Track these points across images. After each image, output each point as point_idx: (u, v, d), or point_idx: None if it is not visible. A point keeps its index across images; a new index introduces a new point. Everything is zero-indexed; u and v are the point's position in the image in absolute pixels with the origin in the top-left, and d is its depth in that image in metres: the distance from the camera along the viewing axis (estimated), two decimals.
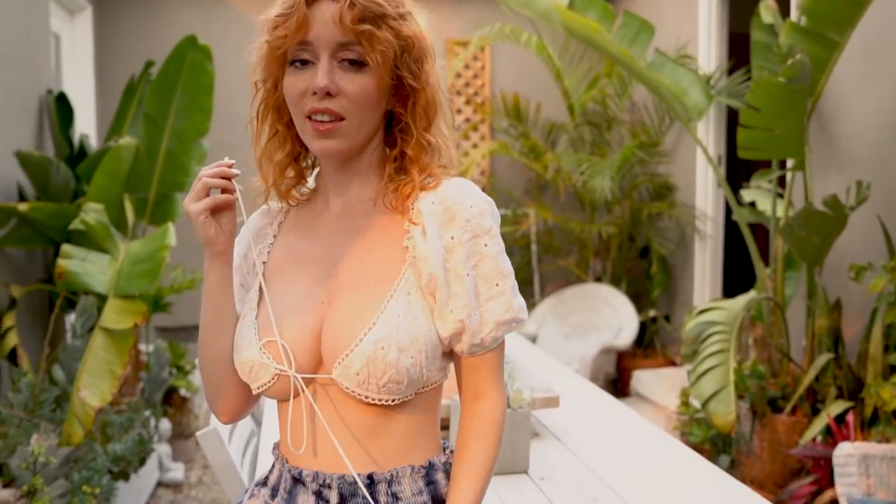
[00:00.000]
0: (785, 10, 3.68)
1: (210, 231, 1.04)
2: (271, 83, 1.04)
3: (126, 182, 3.35)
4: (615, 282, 5.20)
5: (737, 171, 5.43)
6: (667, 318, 5.08)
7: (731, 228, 4.72)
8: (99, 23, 4.94)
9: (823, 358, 3.01)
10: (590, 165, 4.73)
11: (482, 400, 1.07)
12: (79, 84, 4.62)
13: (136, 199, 3.45)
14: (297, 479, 1.06)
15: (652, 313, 5.04)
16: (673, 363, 4.94)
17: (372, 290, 1.01)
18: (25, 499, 2.22)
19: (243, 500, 1.14)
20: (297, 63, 0.99)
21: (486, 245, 1.02)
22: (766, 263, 3.57)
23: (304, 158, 1.12)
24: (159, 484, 3.52)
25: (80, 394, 2.46)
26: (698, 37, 4.62)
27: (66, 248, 2.81)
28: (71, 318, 3.44)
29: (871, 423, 2.82)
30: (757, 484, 3.11)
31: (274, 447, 1.12)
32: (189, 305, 1.05)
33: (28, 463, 2.26)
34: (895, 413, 2.75)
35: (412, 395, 1.02)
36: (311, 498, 1.04)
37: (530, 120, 5.40)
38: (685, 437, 3.42)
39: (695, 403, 3.47)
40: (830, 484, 2.74)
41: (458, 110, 5.62)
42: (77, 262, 2.77)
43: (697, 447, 3.28)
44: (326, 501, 1.03)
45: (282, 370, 1.00)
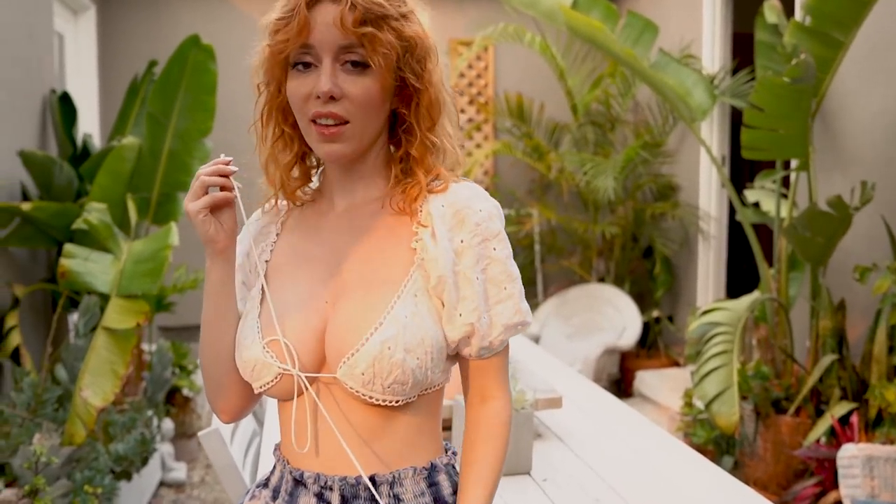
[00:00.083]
0: (789, 10, 3.67)
1: (210, 229, 1.03)
2: (274, 86, 1.03)
3: (129, 182, 3.35)
4: (618, 282, 5.20)
5: (741, 172, 5.43)
6: (670, 319, 5.08)
7: (734, 229, 4.71)
8: (102, 22, 4.94)
9: (827, 359, 3.00)
10: (593, 165, 4.73)
11: (489, 402, 1.07)
12: (82, 84, 4.62)
13: (138, 199, 3.45)
14: (299, 481, 1.05)
15: (655, 314, 5.03)
16: (676, 364, 4.93)
17: (378, 290, 1.00)
18: (27, 498, 2.22)
19: (244, 502, 1.13)
20: (300, 66, 0.98)
21: (494, 249, 1.03)
22: (770, 264, 3.56)
23: (310, 158, 1.11)
24: (162, 484, 3.52)
25: (82, 393, 2.46)
26: (702, 37, 4.61)
27: (68, 247, 2.81)
28: (74, 318, 3.44)
29: (876, 424, 2.81)
30: (760, 485, 3.11)
31: (275, 448, 1.12)
32: (192, 305, 1.05)
33: (30, 463, 2.26)
34: None
35: (415, 396, 1.01)
36: (313, 500, 1.03)
37: (534, 120, 5.39)
38: (688, 438, 3.41)
39: (698, 404, 3.46)
40: (834, 485, 2.73)
41: (462, 110, 5.62)
42: (80, 262, 2.77)
43: (701, 448, 3.27)
44: (328, 503, 1.03)
45: (285, 369, 1.00)
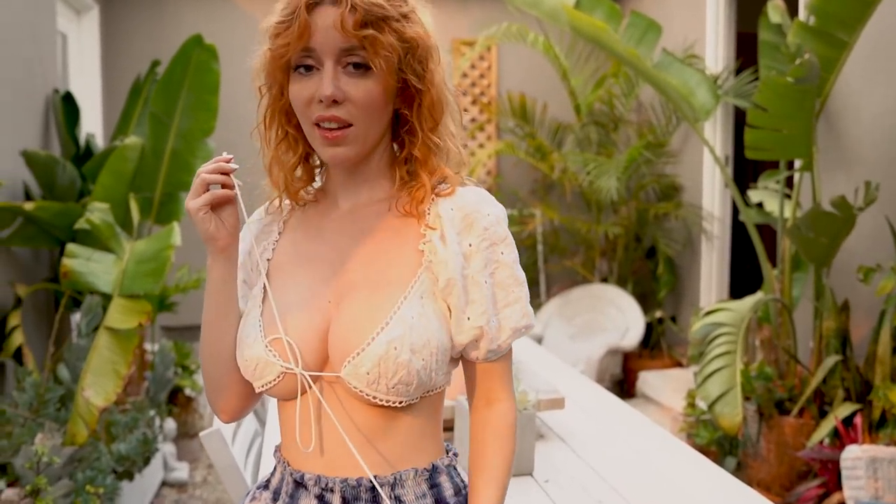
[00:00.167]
0: (793, 10, 3.67)
1: (210, 227, 1.03)
2: (277, 89, 1.03)
3: (131, 181, 3.35)
4: (621, 282, 5.19)
5: (744, 172, 5.42)
6: (673, 319, 5.07)
7: (738, 229, 4.70)
8: (105, 22, 4.95)
9: (831, 360, 2.99)
10: (596, 166, 4.72)
11: (495, 405, 1.07)
12: (85, 83, 4.63)
13: (141, 199, 3.45)
14: (299, 483, 1.05)
15: (658, 314, 5.02)
16: (679, 364, 4.92)
17: (384, 290, 1.00)
18: (29, 498, 2.22)
19: (244, 503, 1.13)
20: (302, 69, 0.98)
21: (502, 253, 1.03)
22: (774, 264, 3.55)
23: (313, 158, 1.11)
24: (164, 483, 3.52)
25: (84, 393, 2.46)
26: (706, 37, 4.60)
27: (71, 247, 2.81)
28: (76, 318, 3.45)
29: (880, 425, 2.80)
30: (763, 486, 3.10)
31: (275, 450, 1.11)
32: (194, 305, 1.05)
33: (32, 462, 2.26)
34: None
35: (418, 398, 1.01)
36: (314, 502, 1.03)
37: (537, 120, 5.39)
38: (691, 439, 3.40)
39: (701, 405, 3.46)
40: (838, 487, 2.72)
41: (465, 110, 5.56)
42: (82, 262, 2.77)
43: (704, 449, 3.27)
44: None
45: (288, 368, 0.99)
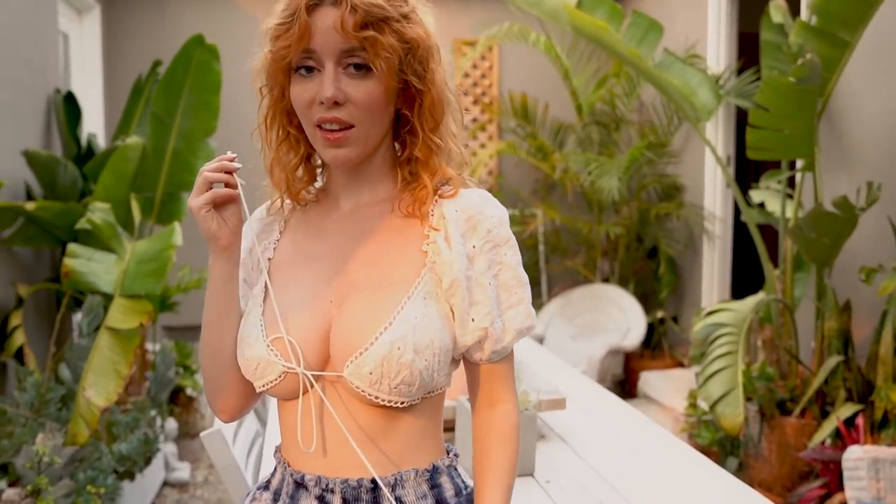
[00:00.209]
0: (795, 10, 3.66)
1: (212, 225, 1.03)
2: (278, 91, 1.03)
3: (133, 181, 3.35)
4: (623, 282, 5.19)
5: (746, 172, 5.42)
6: (675, 320, 5.06)
7: (739, 229, 4.69)
8: (107, 22, 4.95)
9: (833, 360, 2.99)
10: (598, 165, 4.72)
11: (498, 406, 1.08)
12: (87, 83, 4.63)
13: (142, 199, 3.45)
14: (300, 484, 1.04)
15: (660, 314, 5.02)
16: (681, 364, 4.91)
17: (387, 290, 1.00)
18: (30, 498, 2.22)
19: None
20: (303, 70, 0.98)
21: (505, 255, 1.04)
22: (775, 265, 3.54)
23: (315, 158, 1.11)
24: (165, 483, 3.52)
25: (85, 393, 2.46)
26: (707, 36, 4.59)
27: (72, 247, 2.81)
28: (78, 318, 3.45)
29: (881, 426, 2.80)
30: (765, 487, 3.10)
31: (275, 450, 1.11)
32: (196, 305, 1.05)
33: (32, 462, 2.25)
34: None
35: (420, 398, 1.01)
36: (314, 502, 1.03)
37: (538, 120, 5.38)
38: (693, 440, 3.40)
39: (703, 405, 3.45)
40: (839, 487, 2.72)
41: (466, 109, 5.58)
42: (83, 262, 2.77)
43: (705, 449, 3.26)
44: None
45: (290, 368, 0.99)
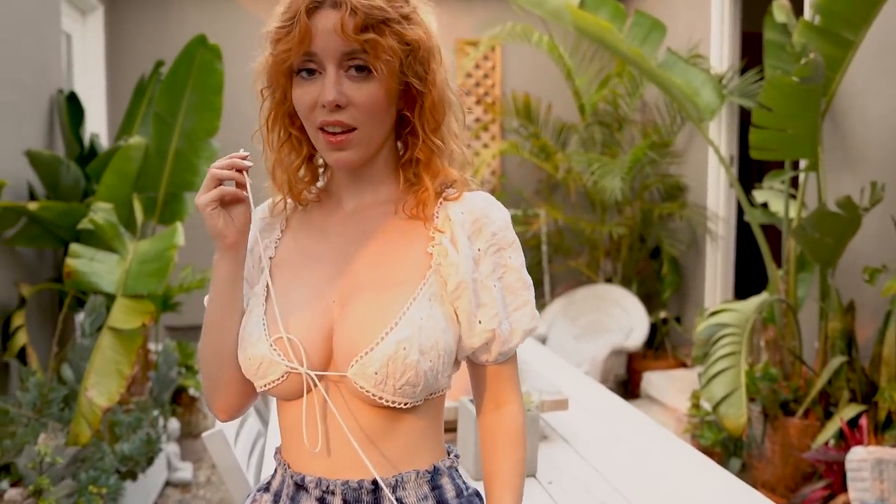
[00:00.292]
0: (798, 10, 3.65)
1: (219, 223, 1.02)
2: (280, 93, 1.02)
3: (135, 181, 3.35)
4: (626, 283, 5.18)
5: (749, 172, 5.40)
6: (678, 320, 5.05)
7: (743, 229, 4.68)
8: (110, 22, 4.95)
9: (836, 361, 2.98)
10: (600, 166, 4.71)
11: (504, 407, 1.09)
12: (89, 83, 4.64)
13: (145, 199, 3.45)
14: (300, 486, 1.04)
15: (663, 315, 5.01)
16: (684, 365, 4.91)
17: (392, 291, 1.00)
18: (32, 498, 2.22)
19: None
20: (304, 73, 0.98)
21: (510, 257, 1.05)
22: (779, 265, 3.53)
23: (317, 158, 1.10)
24: (167, 483, 3.52)
25: (87, 393, 2.46)
26: (710, 36, 4.58)
27: (74, 247, 2.81)
28: (80, 318, 3.45)
29: (885, 427, 2.79)
30: (768, 488, 3.09)
31: (276, 452, 1.10)
32: (198, 305, 1.04)
33: (35, 462, 2.25)
34: None
35: (422, 400, 1.01)
36: None
37: (541, 120, 5.38)
38: (696, 440, 3.39)
39: (706, 406, 3.45)
40: (843, 488, 2.71)
41: (469, 110, 5.53)
42: (85, 262, 2.77)
43: (708, 450, 3.26)
44: None
45: (293, 367, 0.99)
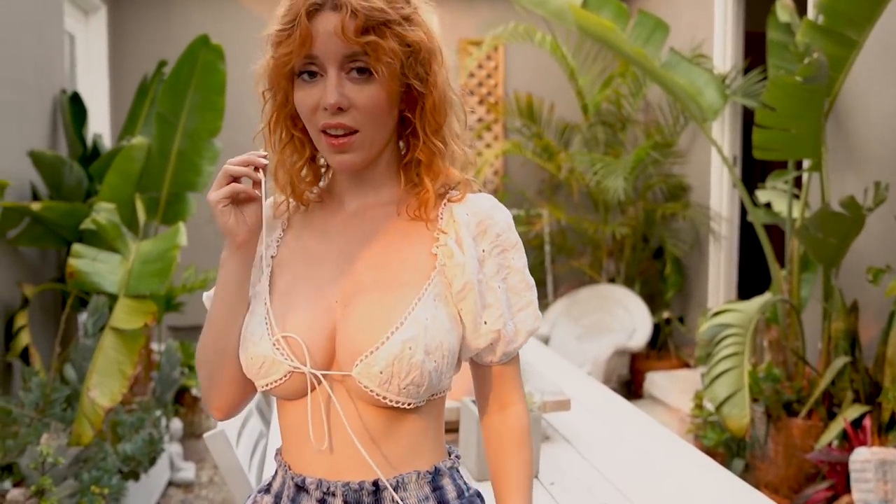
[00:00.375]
0: (802, 9, 3.64)
1: (229, 220, 1.01)
2: (281, 96, 1.02)
3: (138, 181, 3.35)
4: (629, 283, 5.17)
5: (752, 172, 5.39)
6: (681, 320, 5.05)
7: (746, 229, 4.67)
8: (113, 23, 4.96)
9: (840, 361, 2.97)
10: (603, 166, 4.70)
11: (510, 409, 1.09)
12: (92, 84, 4.64)
13: (147, 199, 3.45)
14: (301, 487, 1.04)
15: (666, 315, 5.00)
16: (687, 365, 4.90)
17: (396, 291, 1.00)
18: (34, 498, 2.22)
19: None
20: (305, 75, 0.97)
21: (514, 259, 1.06)
22: (782, 265, 3.53)
23: (319, 158, 1.10)
24: (170, 484, 3.53)
25: (89, 394, 2.46)
26: (713, 36, 4.57)
27: (76, 247, 2.82)
28: (83, 318, 3.45)
29: (889, 427, 2.78)
30: (771, 489, 3.08)
31: (276, 453, 1.10)
32: (201, 305, 1.04)
33: (37, 463, 2.25)
34: None
35: (425, 400, 1.01)
36: None
37: (544, 120, 5.37)
38: (699, 441, 3.38)
39: (709, 406, 3.44)
40: (847, 490, 2.70)
41: (472, 110, 5.52)
42: (88, 262, 2.77)
43: (711, 451, 3.25)
44: None
45: (296, 367, 0.98)
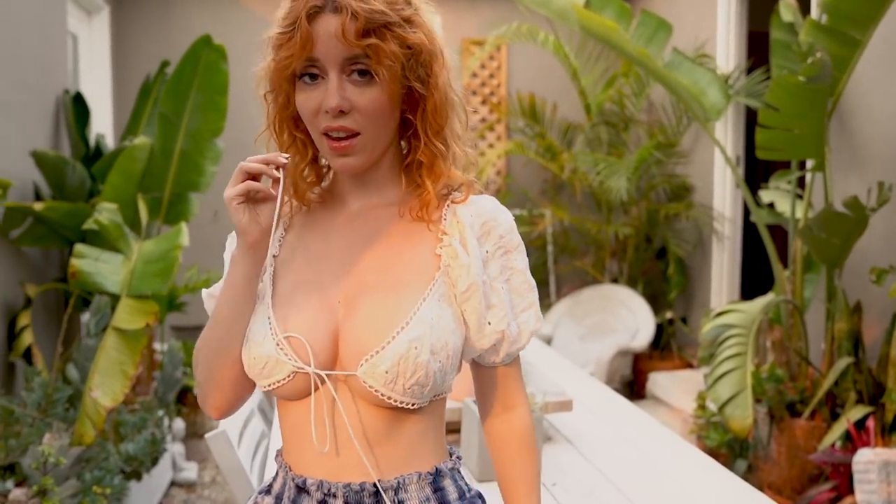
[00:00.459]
0: (805, 9, 3.64)
1: (243, 219, 1.00)
2: (283, 98, 1.02)
3: (140, 182, 3.36)
4: (632, 283, 5.17)
5: (755, 172, 5.38)
6: (684, 320, 5.04)
7: (749, 230, 4.66)
8: (116, 23, 4.96)
9: (843, 362, 2.96)
10: (606, 166, 4.70)
11: (514, 410, 1.10)
12: (95, 84, 4.64)
13: (150, 199, 3.46)
14: (301, 488, 1.03)
15: (669, 315, 4.99)
16: (690, 366, 4.89)
17: (401, 291, 1.00)
18: (37, 498, 2.22)
19: None
20: (307, 78, 0.97)
21: (516, 260, 1.07)
22: (785, 265, 3.52)
23: (321, 159, 1.10)
24: (172, 483, 3.53)
25: (91, 394, 2.46)
26: (717, 36, 4.57)
27: (79, 247, 2.82)
28: (86, 318, 3.46)
29: (892, 428, 2.77)
30: (774, 490, 3.07)
31: (277, 454, 1.10)
32: (203, 305, 1.03)
33: (39, 463, 2.26)
34: None
35: (428, 401, 1.01)
36: None
37: (546, 120, 5.37)
38: (701, 441, 3.38)
39: (711, 407, 3.43)
40: (850, 490, 2.70)
41: (475, 110, 5.57)
42: (90, 262, 2.77)
43: (714, 452, 3.24)
44: None
45: (299, 367, 0.98)
